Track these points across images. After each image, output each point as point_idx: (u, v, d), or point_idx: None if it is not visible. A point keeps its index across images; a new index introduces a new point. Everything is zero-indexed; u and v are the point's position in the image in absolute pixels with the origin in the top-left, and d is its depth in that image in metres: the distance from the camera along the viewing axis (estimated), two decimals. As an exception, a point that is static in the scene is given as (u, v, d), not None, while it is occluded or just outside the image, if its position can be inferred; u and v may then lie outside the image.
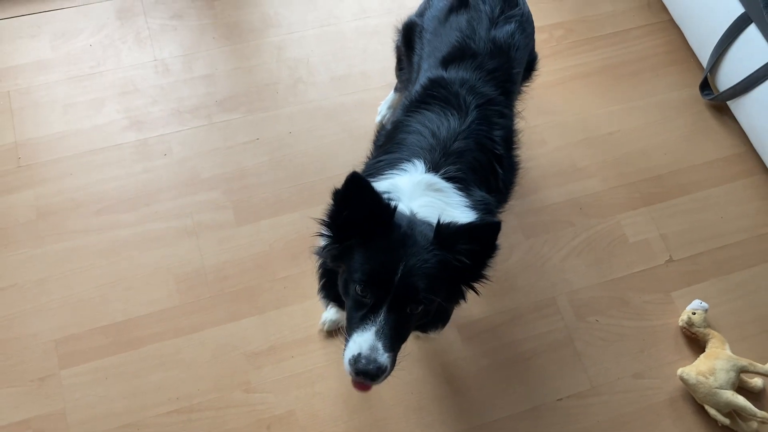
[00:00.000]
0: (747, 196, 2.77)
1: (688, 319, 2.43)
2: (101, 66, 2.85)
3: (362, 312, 1.57)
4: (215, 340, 2.36)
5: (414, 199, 1.72)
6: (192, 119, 2.77)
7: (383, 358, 1.53)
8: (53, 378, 2.27)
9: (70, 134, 2.69)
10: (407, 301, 1.56)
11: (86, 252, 2.48)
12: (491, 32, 2.02)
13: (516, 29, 2.06)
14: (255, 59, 2.92)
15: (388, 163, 1.85)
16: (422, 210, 1.69)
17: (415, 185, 1.74)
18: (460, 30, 2.04)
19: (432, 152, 1.82)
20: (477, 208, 1.80)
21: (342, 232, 1.61)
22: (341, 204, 1.58)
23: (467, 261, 1.57)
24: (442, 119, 1.88)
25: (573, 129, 2.86)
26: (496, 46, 2.01)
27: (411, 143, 1.87)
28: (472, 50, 1.99)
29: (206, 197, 2.61)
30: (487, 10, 2.06)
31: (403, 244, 1.55)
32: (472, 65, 1.98)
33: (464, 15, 2.07)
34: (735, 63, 2.76)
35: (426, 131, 1.87)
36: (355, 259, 1.58)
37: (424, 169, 1.79)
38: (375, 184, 1.70)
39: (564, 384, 2.37)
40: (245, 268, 2.49)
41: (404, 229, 1.57)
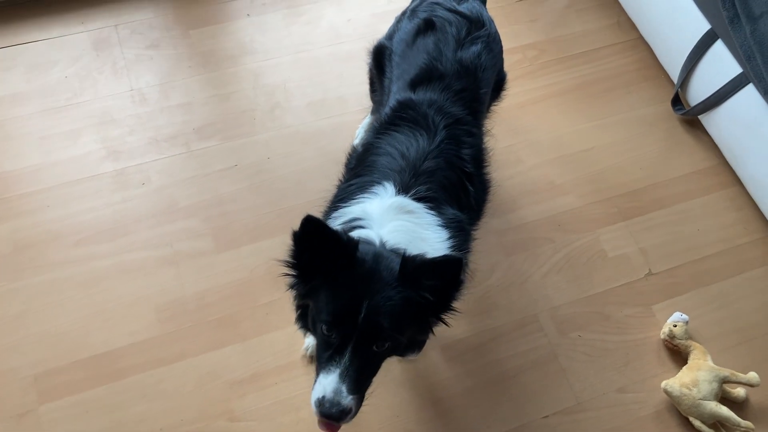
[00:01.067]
0: (722, 208, 2.81)
1: (670, 331, 2.45)
2: (78, 97, 2.85)
3: (328, 352, 1.58)
4: (198, 369, 2.34)
5: (384, 224, 1.72)
6: (170, 148, 2.77)
7: (347, 401, 1.54)
8: (32, 414, 2.23)
9: (46, 166, 2.68)
10: (373, 340, 1.56)
11: (65, 284, 2.46)
12: (458, 53, 2.04)
13: (482, 50, 2.09)
14: (231, 86, 2.93)
15: (359, 186, 1.85)
16: (393, 236, 1.69)
17: (385, 210, 1.75)
18: (427, 52, 2.06)
19: (402, 174, 1.83)
20: (449, 226, 1.80)
21: (306, 271, 1.62)
22: (300, 246, 1.59)
23: (431, 297, 1.57)
24: (411, 140, 1.89)
25: (548, 147, 2.89)
26: (462, 67, 2.03)
27: (381, 165, 1.87)
28: (440, 72, 2.02)
29: (185, 225, 2.60)
30: (454, 32, 2.08)
31: (367, 280, 1.55)
32: (439, 86, 2.00)
33: (431, 37, 2.09)
34: (704, 78, 2.82)
35: (396, 153, 1.88)
36: (321, 298, 1.59)
37: (394, 191, 1.79)
38: (345, 209, 1.77)
39: (550, 401, 2.37)
40: (226, 296, 2.47)
41: (369, 264, 1.57)
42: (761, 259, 2.70)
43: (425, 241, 1.73)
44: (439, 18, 2.13)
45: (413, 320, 1.61)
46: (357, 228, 1.73)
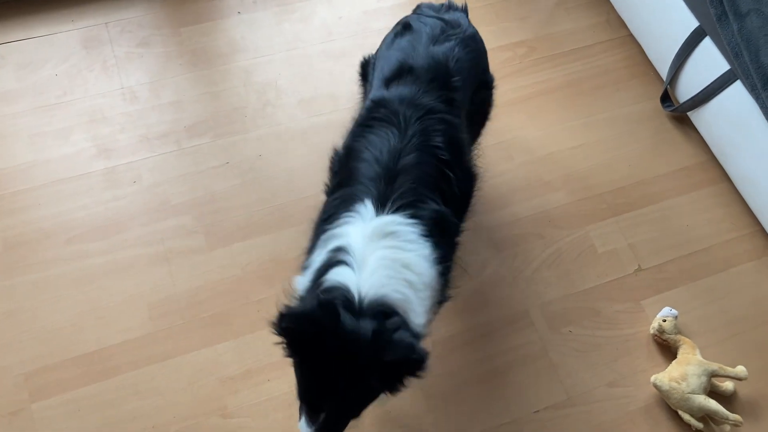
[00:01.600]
0: (711, 204, 2.84)
1: (659, 326, 2.47)
2: (68, 95, 2.84)
3: (305, 410, 1.72)
4: (190, 366, 2.35)
5: (366, 261, 1.71)
6: (161, 145, 2.77)
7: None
8: (24, 412, 2.23)
9: (37, 164, 2.67)
10: (342, 413, 1.69)
11: (57, 282, 2.46)
12: (430, 48, 2.06)
13: (456, 44, 2.09)
14: (223, 84, 2.93)
15: (342, 201, 1.87)
16: (373, 278, 1.69)
17: (367, 239, 1.75)
18: (401, 50, 2.09)
19: (378, 182, 1.83)
20: (431, 232, 1.80)
21: (286, 347, 1.67)
22: (283, 335, 1.63)
23: (395, 381, 1.62)
24: (384, 141, 1.90)
25: (538, 144, 2.91)
26: (434, 60, 2.03)
27: (360, 174, 1.88)
28: (410, 66, 2.02)
29: (177, 223, 2.61)
30: (428, 31, 2.11)
31: (338, 363, 1.58)
32: (410, 80, 2.00)
33: (407, 37, 2.13)
34: (693, 75, 2.84)
35: (371, 157, 1.88)
36: (297, 373, 1.71)
37: (373, 210, 1.79)
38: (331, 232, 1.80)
39: (540, 396, 2.39)
40: (219, 293, 2.48)
41: (338, 355, 1.58)
42: (749, 255, 2.73)
43: (408, 267, 1.74)
44: (417, 21, 2.17)
45: (377, 395, 1.69)
46: (341, 263, 1.73)
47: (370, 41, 2.92)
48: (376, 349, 1.57)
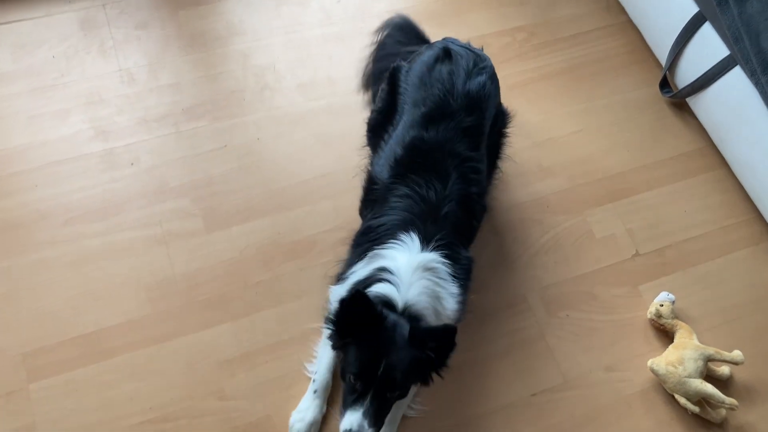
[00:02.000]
0: (709, 190, 2.84)
1: (656, 311, 2.48)
2: (65, 77, 2.83)
3: (354, 396, 1.95)
4: (188, 348, 2.35)
5: (412, 285, 2.05)
6: (159, 128, 2.76)
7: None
8: (21, 392, 2.23)
9: (34, 146, 2.66)
10: (387, 389, 1.94)
11: (54, 264, 2.45)
12: (467, 85, 2.31)
13: (486, 80, 2.35)
14: (221, 67, 2.92)
15: (388, 229, 2.17)
16: (418, 298, 2.04)
17: (413, 270, 2.07)
18: (442, 83, 2.31)
19: (424, 221, 2.15)
20: (458, 276, 2.15)
21: (342, 330, 1.99)
22: (345, 311, 1.94)
23: (432, 355, 1.95)
24: (429, 184, 2.19)
25: (537, 129, 2.91)
26: (470, 99, 2.29)
27: (405, 208, 2.18)
28: (450, 111, 2.27)
29: (175, 205, 2.60)
30: (464, 64, 2.35)
31: (386, 344, 1.92)
32: (450, 126, 2.25)
33: (447, 65, 2.35)
34: (692, 61, 2.84)
35: (416, 196, 2.19)
36: (350, 353, 1.98)
37: (419, 244, 2.11)
38: (378, 251, 2.12)
39: (537, 379, 2.40)
40: (216, 275, 2.48)
41: (389, 330, 1.94)
42: (746, 241, 2.73)
43: (440, 300, 2.10)
44: (454, 49, 2.40)
45: (418, 374, 2.01)
46: (385, 281, 2.05)
47: (369, 25, 2.92)
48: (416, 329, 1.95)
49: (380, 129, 2.46)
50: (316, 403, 2.23)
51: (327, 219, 2.63)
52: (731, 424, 2.36)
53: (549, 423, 2.33)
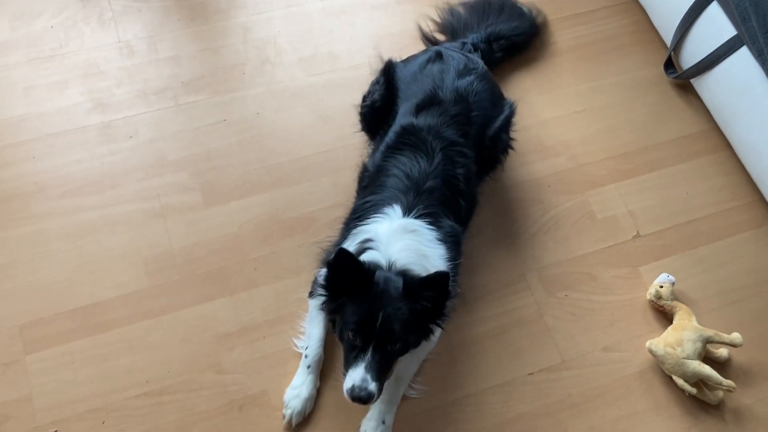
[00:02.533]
0: (712, 172, 2.82)
1: (656, 292, 2.47)
2: (63, 48, 2.79)
3: (354, 353, 1.96)
4: (185, 322, 2.34)
5: (391, 245, 2.10)
6: (158, 101, 2.73)
7: (372, 386, 1.92)
8: (18, 363, 2.23)
9: (31, 117, 2.64)
10: (387, 341, 1.95)
11: (51, 236, 2.44)
12: (456, 82, 2.43)
13: (475, 79, 2.47)
14: (221, 40, 2.89)
15: (373, 205, 2.25)
16: (400, 255, 2.07)
17: (392, 232, 2.13)
18: (432, 78, 2.45)
19: (407, 194, 2.23)
20: (446, 240, 2.20)
21: (335, 291, 2.01)
22: (333, 272, 1.97)
23: (429, 305, 1.97)
24: (414, 162, 2.29)
25: (541, 108, 2.88)
26: (458, 94, 2.41)
27: (390, 186, 2.27)
28: (439, 99, 2.39)
29: (173, 179, 2.58)
30: (454, 65, 2.48)
31: (381, 297, 1.95)
32: (437, 111, 2.37)
33: (438, 65, 2.49)
34: (698, 41, 2.80)
35: (401, 174, 2.28)
36: (347, 311, 1.99)
37: (401, 212, 2.19)
38: (361, 228, 2.19)
39: (535, 358, 2.39)
40: (215, 250, 2.47)
41: (381, 285, 1.97)
42: (748, 223, 2.71)
43: (427, 257, 2.13)
44: (446, 52, 2.54)
45: (417, 325, 2.00)
46: (369, 249, 2.11)
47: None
48: (409, 280, 1.97)
49: (375, 123, 2.56)
50: (309, 379, 2.23)
51: (326, 196, 2.61)
52: (728, 406, 2.36)
53: (546, 402, 2.32)
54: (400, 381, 2.25)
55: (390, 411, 2.22)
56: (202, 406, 2.22)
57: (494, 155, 2.54)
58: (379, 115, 2.54)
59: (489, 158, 2.53)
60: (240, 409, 2.22)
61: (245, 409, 2.22)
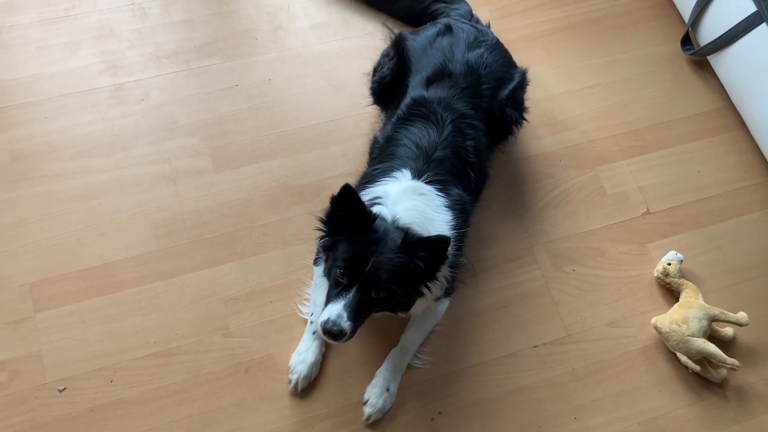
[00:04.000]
0: (724, 151, 2.80)
1: (664, 269, 2.47)
2: (76, 8, 2.78)
3: (338, 289, 1.97)
4: (193, 285, 2.36)
5: (399, 203, 2.10)
6: (170, 65, 2.72)
7: (345, 324, 1.93)
8: (29, 321, 2.26)
9: (44, 77, 2.64)
10: (372, 287, 1.95)
11: (62, 196, 2.45)
12: (465, 55, 2.42)
13: (485, 51, 2.46)
14: (234, 5, 2.87)
15: (382, 171, 2.25)
16: (405, 213, 2.07)
17: (402, 191, 2.13)
18: (442, 51, 2.44)
19: (417, 161, 2.23)
20: (454, 207, 2.20)
21: (334, 228, 2.03)
22: (335, 207, 1.99)
23: (422, 265, 1.96)
24: (424, 133, 2.29)
25: (554, 82, 2.86)
26: (468, 66, 2.41)
27: (400, 154, 2.27)
28: (450, 71, 2.39)
29: (184, 143, 2.58)
30: (464, 37, 2.48)
31: (376, 244, 1.96)
32: (448, 84, 2.37)
33: (448, 38, 2.48)
34: (716, 18, 2.77)
35: (411, 143, 2.28)
36: (340, 249, 1.99)
37: (410, 176, 2.19)
38: (370, 189, 2.18)
39: (540, 331, 2.41)
40: (224, 214, 2.48)
41: (380, 233, 1.98)
42: (759, 204, 2.70)
43: (432, 221, 2.12)
44: (456, 25, 2.52)
45: (405, 280, 1.98)
46: (376, 205, 2.09)
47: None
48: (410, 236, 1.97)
49: (386, 96, 2.56)
50: (315, 344, 2.25)
51: (336, 164, 2.61)
52: (731, 384, 2.37)
53: (550, 374, 2.34)
54: (405, 351, 2.27)
55: (394, 379, 2.24)
56: (208, 368, 2.25)
57: (504, 124, 2.51)
58: (390, 89, 2.53)
59: (499, 128, 2.51)
60: (246, 371, 2.25)
61: (251, 372, 2.25)
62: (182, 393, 2.20)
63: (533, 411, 2.28)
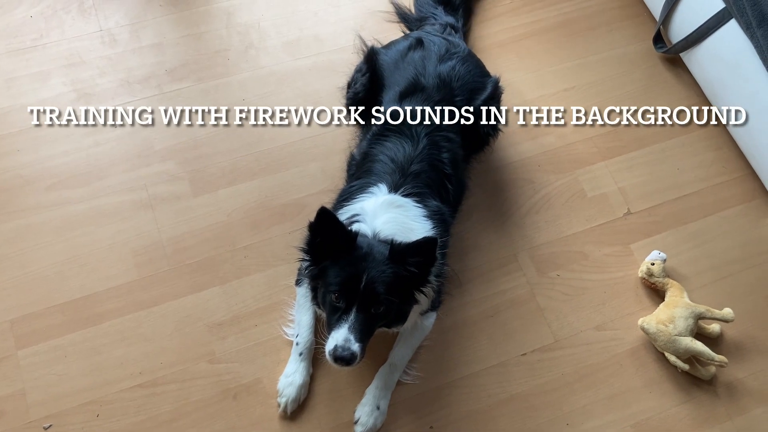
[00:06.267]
0: (702, 147, 2.80)
1: (647, 269, 2.47)
2: (44, 38, 2.76)
3: (337, 315, 1.94)
4: (177, 312, 2.33)
5: (377, 217, 2.09)
6: (142, 90, 2.70)
7: (355, 347, 1.90)
8: (10, 359, 2.22)
9: (15, 109, 2.61)
10: (371, 303, 1.93)
11: (39, 229, 2.43)
12: (438, 67, 2.42)
13: (457, 62, 2.46)
14: (204, 26, 2.85)
15: (359, 187, 2.25)
16: (385, 226, 2.07)
17: (379, 206, 2.13)
18: (414, 65, 2.44)
19: (393, 175, 2.23)
20: (433, 217, 2.20)
21: (317, 255, 1.99)
22: (314, 232, 1.96)
23: (415, 270, 1.95)
24: (399, 147, 2.29)
25: (529, 86, 2.86)
26: (441, 80, 2.41)
27: (376, 170, 2.28)
28: (422, 85, 2.39)
29: (160, 169, 2.56)
30: (435, 50, 2.47)
31: (365, 260, 1.94)
32: (421, 98, 2.37)
33: (419, 52, 2.48)
34: (686, 15, 2.78)
35: (387, 159, 2.29)
36: (329, 275, 1.97)
37: (387, 190, 2.19)
38: (348, 207, 2.18)
39: (528, 339, 2.40)
40: (204, 239, 2.45)
41: (365, 249, 1.96)
42: (738, 198, 2.71)
43: (413, 231, 2.11)
44: (427, 38, 2.53)
45: (401, 289, 1.98)
46: (354, 222, 2.09)
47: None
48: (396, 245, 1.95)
49: (362, 112, 2.55)
50: (302, 366, 2.24)
51: (315, 181, 2.59)
52: (720, 380, 2.37)
53: (540, 382, 2.33)
54: (394, 368, 2.26)
55: (384, 396, 2.22)
56: (196, 395, 2.22)
57: (479, 135, 2.50)
58: (364, 104, 2.52)
59: (475, 139, 2.50)
60: (234, 397, 2.22)
61: (240, 398, 2.22)
62: (171, 423, 2.18)
63: (525, 419, 2.28)
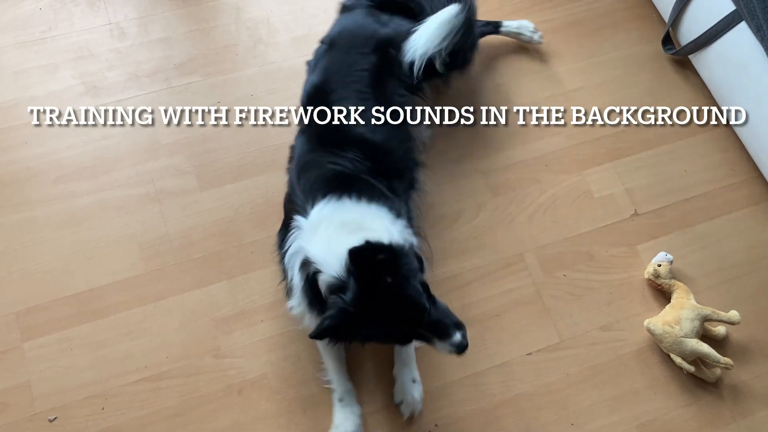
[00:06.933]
0: (710, 149, 2.80)
1: (654, 271, 2.47)
2: (53, 30, 2.75)
3: (436, 330, 1.92)
4: (183, 306, 2.33)
5: (330, 254, 1.90)
6: (150, 84, 2.70)
7: (458, 335, 1.92)
8: (16, 351, 2.22)
9: (22, 101, 2.61)
10: (424, 312, 1.89)
11: (45, 222, 2.42)
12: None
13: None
14: (213, 21, 2.85)
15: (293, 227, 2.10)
16: (342, 256, 1.85)
17: (322, 239, 1.97)
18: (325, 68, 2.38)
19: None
20: (374, 197, 2.09)
21: (342, 336, 1.90)
22: (331, 330, 1.83)
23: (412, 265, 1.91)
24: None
25: (537, 88, 2.85)
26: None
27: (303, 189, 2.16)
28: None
29: (168, 163, 2.56)
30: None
31: (383, 302, 1.83)
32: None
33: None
34: (696, 16, 2.77)
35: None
36: (378, 334, 1.94)
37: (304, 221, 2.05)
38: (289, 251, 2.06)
39: (533, 339, 2.40)
40: (211, 234, 2.45)
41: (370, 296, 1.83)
42: (746, 200, 2.70)
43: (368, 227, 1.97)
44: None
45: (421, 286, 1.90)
46: (317, 273, 1.93)
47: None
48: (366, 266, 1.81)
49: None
50: (348, 410, 2.14)
51: (322, 177, 2.59)
52: (725, 383, 2.37)
53: (545, 382, 2.33)
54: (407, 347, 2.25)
55: (411, 370, 2.22)
56: (201, 390, 2.22)
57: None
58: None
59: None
60: (239, 392, 2.22)
61: (244, 393, 2.22)
62: (175, 417, 2.18)
63: (530, 419, 2.27)
